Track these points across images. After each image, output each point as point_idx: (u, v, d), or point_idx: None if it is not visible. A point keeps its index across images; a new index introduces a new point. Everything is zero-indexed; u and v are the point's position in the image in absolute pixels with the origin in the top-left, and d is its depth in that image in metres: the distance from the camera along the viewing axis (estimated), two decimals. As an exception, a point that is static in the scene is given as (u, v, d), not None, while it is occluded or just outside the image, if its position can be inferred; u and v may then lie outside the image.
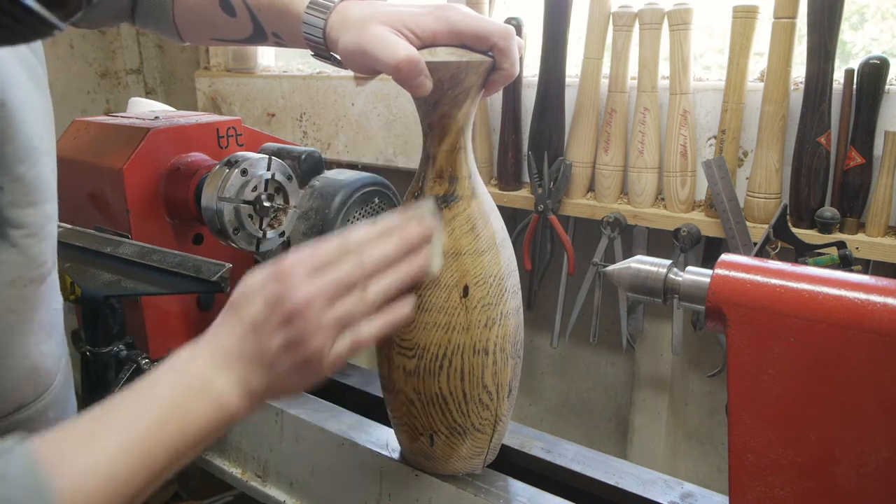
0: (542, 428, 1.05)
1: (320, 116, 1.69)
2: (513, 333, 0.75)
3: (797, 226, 1.08)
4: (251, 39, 0.79)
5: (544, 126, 1.30)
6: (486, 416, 0.76)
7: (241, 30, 0.78)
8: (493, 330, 0.73)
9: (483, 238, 0.72)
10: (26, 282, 0.54)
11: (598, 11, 1.22)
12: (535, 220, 1.33)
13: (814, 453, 0.55)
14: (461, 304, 0.71)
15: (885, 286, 0.53)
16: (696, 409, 1.39)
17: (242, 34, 0.78)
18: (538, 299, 1.46)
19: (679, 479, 0.82)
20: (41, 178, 0.54)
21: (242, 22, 0.77)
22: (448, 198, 0.71)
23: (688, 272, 0.62)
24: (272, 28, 0.75)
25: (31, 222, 0.53)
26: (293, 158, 1.05)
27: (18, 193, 0.51)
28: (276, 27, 0.75)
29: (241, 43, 0.81)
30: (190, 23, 0.84)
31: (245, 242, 0.93)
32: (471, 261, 0.71)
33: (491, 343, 0.73)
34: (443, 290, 0.71)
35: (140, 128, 0.98)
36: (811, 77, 1.04)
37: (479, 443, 0.78)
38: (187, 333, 1.06)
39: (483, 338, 0.72)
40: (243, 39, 0.80)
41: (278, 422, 1.00)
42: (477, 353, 0.72)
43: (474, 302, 0.71)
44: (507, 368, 0.76)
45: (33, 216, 0.53)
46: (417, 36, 0.63)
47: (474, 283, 0.71)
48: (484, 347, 0.73)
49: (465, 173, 0.72)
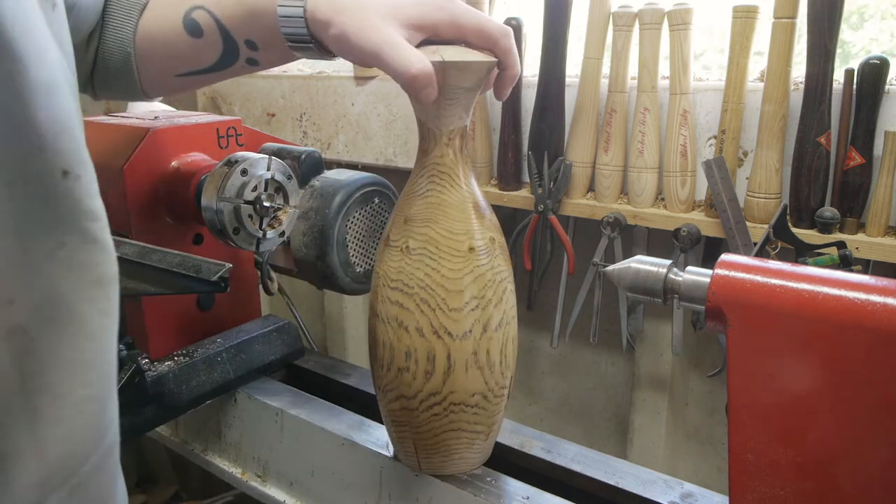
0: (542, 428, 1.05)
1: (320, 116, 1.69)
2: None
3: (797, 226, 1.08)
4: (221, 61, 0.76)
5: (544, 126, 1.30)
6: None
7: (209, 51, 0.75)
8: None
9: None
10: (110, 279, 0.50)
11: (598, 11, 1.22)
12: (535, 220, 1.33)
13: (814, 453, 0.55)
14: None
15: (885, 286, 0.53)
16: (696, 409, 1.39)
17: (211, 57, 0.76)
18: (538, 299, 1.46)
19: (679, 479, 0.82)
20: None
21: (210, 41, 0.74)
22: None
23: (688, 272, 0.62)
24: (244, 36, 0.73)
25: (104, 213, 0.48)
26: (293, 158, 1.05)
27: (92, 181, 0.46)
28: (248, 33, 0.72)
29: (210, 72, 0.78)
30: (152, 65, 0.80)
31: (245, 242, 0.93)
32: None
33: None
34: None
35: (140, 128, 0.98)
36: (811, 77, 1.04)
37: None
38: (187, 333, 1.06)
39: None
40: (213, 65, 0.77)
41: (278, 422, 1.00)
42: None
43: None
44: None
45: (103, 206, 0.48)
46: (420, 29, 0.62)
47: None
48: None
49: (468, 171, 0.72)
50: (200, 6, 0.73)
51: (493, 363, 0.72)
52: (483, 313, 0.70)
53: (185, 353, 1.03)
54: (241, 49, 0.74)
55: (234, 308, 1.13)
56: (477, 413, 0.74)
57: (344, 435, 0.91)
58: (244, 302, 1.15)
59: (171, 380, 0.98)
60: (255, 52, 0.74)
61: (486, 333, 0.71)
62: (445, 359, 0.70)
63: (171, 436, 1.16)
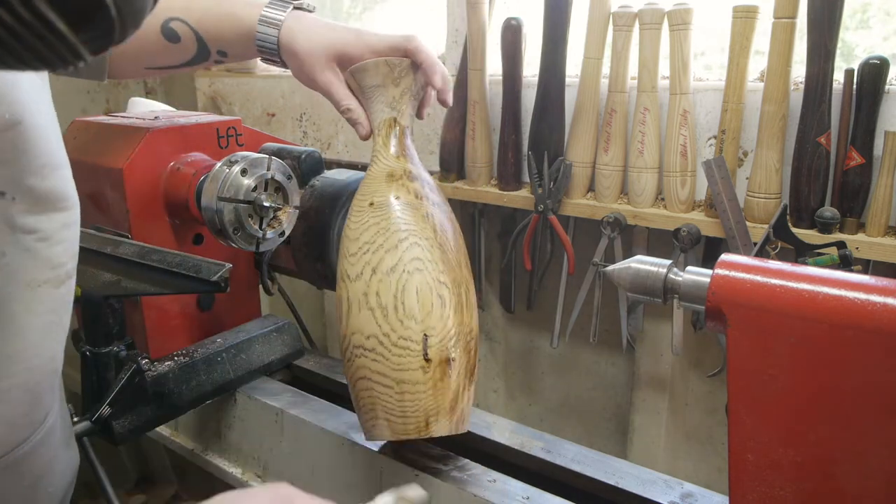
0: (542, 428, 1.05)
1: (320, 116, 1.69)
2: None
3: (797, 226, 1.08)
4: (191, 62, 0.87)
5: (544, 126, 1.30)
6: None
7: (182, 54, 0.86)
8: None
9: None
10: (40, 282, 0.57)
11: (598, 11, 1.22)
12: (535, 220, 1.33)
13: (814, 453, 0.55)
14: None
15: (885, 286, 0.53)
16: (696, 409, 1.39)
17: (183, 58, 0.86)
18: (538, 299, 1.46)
19: (679, 479, 0.82)
20: (53, 189, 0.58)
21: (185, 45, 0.85)
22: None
23: (688, 272, 0.62)
24: (217, 46, 0.85)
25: (42, 227, 0.57)
26: (293, 158, 1.05)
27: (30, 202, 0.55)
28: (221, 44, 0.85)
29: (177, 68, 0.88)
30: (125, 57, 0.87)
31: (245, 242, 0.93)
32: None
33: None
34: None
35: (140, 128, 0.98)
36: (811, 77, 1.04)
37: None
38: (187, 333, 1.06)
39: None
40: (181, 64, 0.87)
41: (278, 422, 1.00)
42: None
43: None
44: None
45: (46, 222, 0.57)
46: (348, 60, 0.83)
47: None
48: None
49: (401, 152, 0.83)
50: (179, 17, 0.84)
51: (386, 307, 0.76)
52: (373, 257, 0.77)
53: (185, 353, 1.03)
54: (213, 55, 0.87)
55: (234, 308, 1.13)
56: (377, 360, 0.75)
57: (344, 435, 0.91)
58: (244, 302, 1.15)
59: (171, 380, 0.98)
60: (223, 58, 0.87)
61: (376, 276, 0.76)
62: (346, 300, 0.78)
63: (171, 436, 1.16)
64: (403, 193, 0.80)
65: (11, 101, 0.53)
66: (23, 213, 0.55)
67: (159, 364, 0.99)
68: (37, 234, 0.56)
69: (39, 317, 0.58)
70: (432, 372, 0.76)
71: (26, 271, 0.56)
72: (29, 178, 0.55)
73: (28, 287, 0.57)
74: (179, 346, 1.04)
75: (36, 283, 0.57)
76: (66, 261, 0.60)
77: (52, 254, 0.58)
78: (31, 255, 0.56)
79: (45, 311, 0.59)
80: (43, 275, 0.58)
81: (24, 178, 0.54)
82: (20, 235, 0.55)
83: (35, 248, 0.56)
